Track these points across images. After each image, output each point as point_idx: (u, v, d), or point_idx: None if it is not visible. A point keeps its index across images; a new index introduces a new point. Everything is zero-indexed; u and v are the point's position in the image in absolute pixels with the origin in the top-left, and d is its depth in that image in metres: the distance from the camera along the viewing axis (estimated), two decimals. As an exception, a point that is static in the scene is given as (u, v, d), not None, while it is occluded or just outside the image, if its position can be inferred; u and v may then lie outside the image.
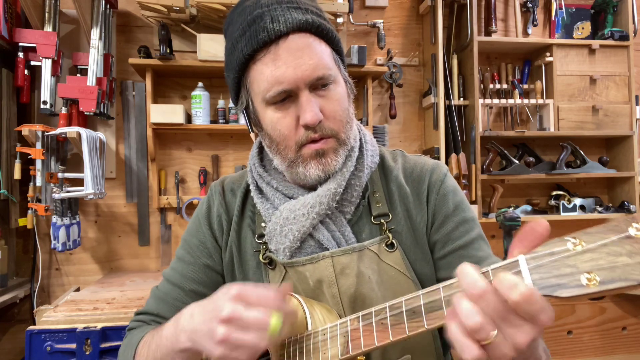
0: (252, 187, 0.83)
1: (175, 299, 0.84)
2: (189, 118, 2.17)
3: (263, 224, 0.81)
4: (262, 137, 0.79)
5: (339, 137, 0.73)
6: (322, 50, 0.71)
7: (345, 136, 0.74)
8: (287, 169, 0.76)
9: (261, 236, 0.81)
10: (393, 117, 2.43)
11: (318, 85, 0.70)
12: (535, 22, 2.50)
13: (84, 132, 1.87)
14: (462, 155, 2.25)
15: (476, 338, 0.44)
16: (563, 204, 2.37)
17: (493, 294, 0.43)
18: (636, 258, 0.40)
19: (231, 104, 2.17)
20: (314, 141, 0.71)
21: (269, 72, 0.69)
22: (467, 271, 0.45)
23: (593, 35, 2.56)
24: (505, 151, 2.33)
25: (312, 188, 0.77)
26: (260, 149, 0.86)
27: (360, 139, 0.81)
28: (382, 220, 0.78)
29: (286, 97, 0.70)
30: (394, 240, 0.76)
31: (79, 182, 1.91)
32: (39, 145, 1.86)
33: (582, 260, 0.42)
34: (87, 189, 1.86)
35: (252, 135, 0.86)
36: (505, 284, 0.42)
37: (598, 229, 0.43)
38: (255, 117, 0.76)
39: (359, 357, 0.60)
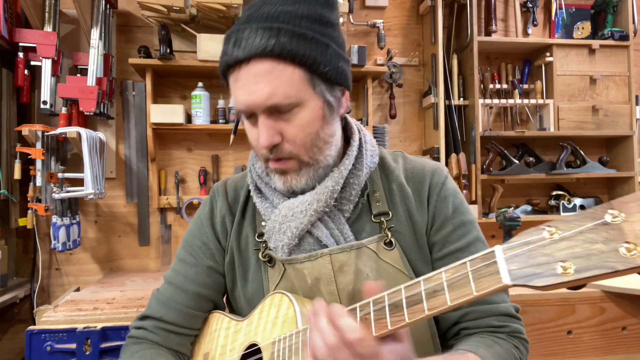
0: (251, 187, 0.84)
1: (178, 302, 0.84)
2: (189, 118, 2.17)
3: (263, 223, 0.82)
4: None
5: (301, 159, 0.73)
6: (286, 77, 0.67)
7: (309, 159, 0.73)
8: (265, 174, 0.81)
9: (261, 235, 0.82)
10: (393, 117, 2.43)
11: (275, 111, 0.69)
12: (535, 22, 2.50)
13: (84, 132, 1.87)
14: (462, 155, 2.25)
15: None
16: (563, 204, 2.37)
17: (332, 330, 0.54)
18: (612, 245, 0.39)
19: (231, 104, 2.17)
20: (274, 160, 0.73)
21: (233, 91, 0.72)
22: (319, 309, 0.57)
23: (593, 35, 2.56)
24: (505, 151, 2.33)
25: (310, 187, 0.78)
26: None
27: (360, 139, 0.81)
28: (382, 219, 0.78)
29: (251, 114, 0.72)
30: (392, 239, 0.77)
31: (79, 182, 1.91)
32: (39, 145, 1.86)
33: (558, 249, 0.42)
34: (87, 189, 1.86)
35: (232, 137, 0.89)
36: (345, 327, 0.54)
37: (575, 216, 0.43)
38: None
39: None
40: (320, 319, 0.56)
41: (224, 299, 0.91)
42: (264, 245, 0.81)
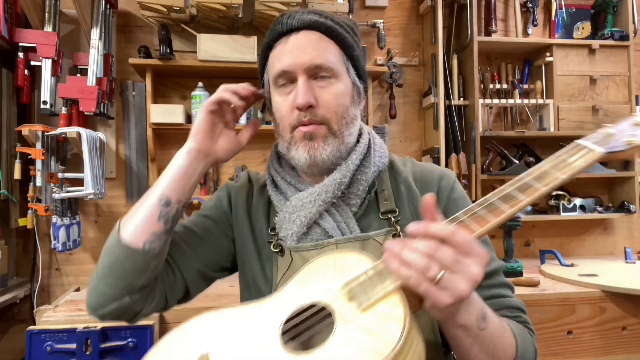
0: (268, 182, 0.88)
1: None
2: (189, 118, 2.17)
3: (276, 218, 0.85)
4: (273, 123, 0.86)
5: (330, 126, 0.78)
6: (328, 48, 0.78)
7: (337, 128, 0.78)
8: (287, 153, 0.82)
9: (273, 229, 0.86)
10: (393, 117, 2.43)
11: (317, 74, 0.77)
12: (535, 22, 2.50)
13: (84, 132, 1.87)
14: (462, 155, 2.25)
15: (427, 277, 0.51)
16: (563, 204, 2.37)
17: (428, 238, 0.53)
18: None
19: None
20: (304, 124, 0.77)
21: (276, 55, 0.80)
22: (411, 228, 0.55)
23: (593, 35, 2.56)
24: (505, 151, 2.33)
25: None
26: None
27: (369, 140, 0.86)
28: (390, 216, 0.81)
29: (287, 82, 0.78)
30: (401, 233, 0.79)
31: (79, 182, 1.91)
32: (39, 145, 1.86)
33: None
34: (87, 189, 1.86)
35: (260, 115, 0.97)
36: (436, 228, 0.53)
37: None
38: (269, 103, 0.85)
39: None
40: (403, 241, 0.54)
41: None
42: (275, 237, 0.84)
